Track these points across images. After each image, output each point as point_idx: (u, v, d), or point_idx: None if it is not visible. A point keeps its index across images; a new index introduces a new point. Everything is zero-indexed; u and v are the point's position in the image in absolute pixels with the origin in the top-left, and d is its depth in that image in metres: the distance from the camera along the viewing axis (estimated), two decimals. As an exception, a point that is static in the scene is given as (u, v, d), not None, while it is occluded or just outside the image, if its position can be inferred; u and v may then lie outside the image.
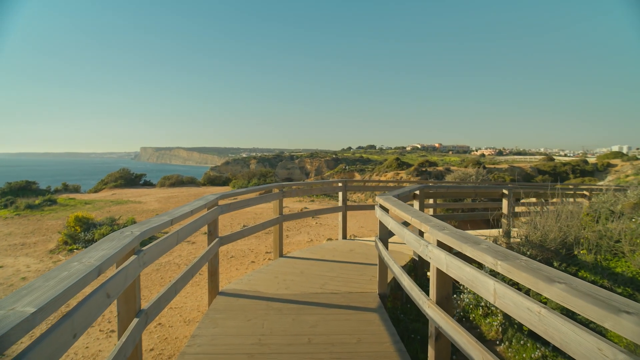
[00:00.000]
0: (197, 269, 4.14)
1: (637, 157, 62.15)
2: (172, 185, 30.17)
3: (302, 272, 6.09)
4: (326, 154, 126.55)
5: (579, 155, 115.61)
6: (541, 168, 60.18)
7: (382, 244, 4.96)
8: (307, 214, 7.75)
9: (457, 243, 2.58)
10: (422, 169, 51.54)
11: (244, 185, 26.53)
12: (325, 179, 78.38)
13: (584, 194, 9.54)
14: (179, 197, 23.47)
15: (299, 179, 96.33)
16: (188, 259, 9.07)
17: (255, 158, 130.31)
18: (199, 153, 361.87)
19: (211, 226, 4.95)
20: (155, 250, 2.93)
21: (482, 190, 8.11)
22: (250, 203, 5.82)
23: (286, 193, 6.92)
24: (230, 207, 5.36)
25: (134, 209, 18.44)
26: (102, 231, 10.49)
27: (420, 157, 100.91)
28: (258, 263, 8.60)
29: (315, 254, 7.11)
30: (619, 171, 55.94)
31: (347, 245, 7.86)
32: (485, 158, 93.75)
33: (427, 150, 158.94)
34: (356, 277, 5.88)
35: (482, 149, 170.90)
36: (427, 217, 3.34)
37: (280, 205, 6.82)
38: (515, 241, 5.56)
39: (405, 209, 3.91)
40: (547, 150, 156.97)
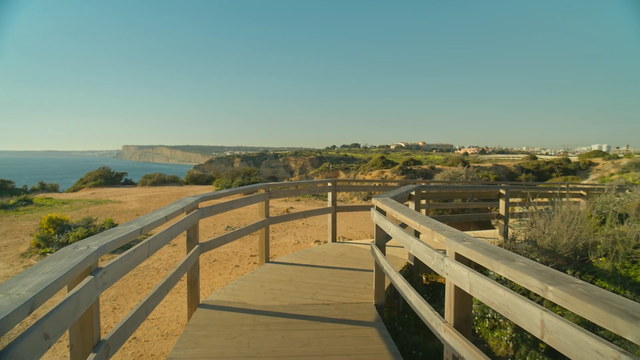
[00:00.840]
0: (174, 282, 3.65)
1: (618, 156, 62.79)
2: (154, 184, 29.40)
3: (291, 279, 5.62)
4: (310, 153, 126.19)
5: (560, 153, 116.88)
6: (525, 166, 60.37)
7: (379, 251, 4.53)
8: (295, 216, 7.28)
9: (484, 259, 2.15)
10: (407, 168, 51.33)
11: (227, 184, 25.90)
12: (309, 178, 77.92)
13: (580, 194, 9.23)
14: (161, 197, 22.80)
15: (283, 177, 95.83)
16: (168, 262, 8.55)
17: (239, 156, 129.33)
18: (182, 151, 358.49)
19: (190, 232, 4.46)
20: (120, 267, 2.43)
21: (479, 190, 7.74)
22: (234, 205, 5.34)
23: (273, 194, 6.44)
24: (212, 210, 4.87)
25: (113, 209, 17.77)
26: (77, 233, 9.89)
27: (404, 156, 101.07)
28: (242, 267, 8.11)
29: (304, 259, 6.65)
30: (601, 169, 56.47)
31: (337, 249, 7.41)
32: (469, 157, 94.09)
33: (411, 149, 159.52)
34: (349, 285, 5.43)
35: (465, 147, 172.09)
36: (440, 224, 2.90)
37: (266, 207, 6.34)
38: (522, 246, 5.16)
39: (409, 214, 3.48)
40: (529, 149, 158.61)
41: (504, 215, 7.79)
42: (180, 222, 3.84)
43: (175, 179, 31.86)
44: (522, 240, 5.53)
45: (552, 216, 5.53)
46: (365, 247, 7.65)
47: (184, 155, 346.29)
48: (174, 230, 3.58)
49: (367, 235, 10.66)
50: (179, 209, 3.75)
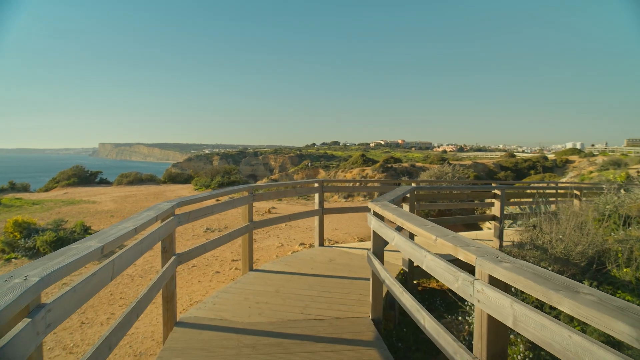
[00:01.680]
0: (146, 304, 3.13)
1: (593, 154, 63.84)
2: (130, 184, 28.50)
3: (278, 290, 5.13)
4: (290, 150, 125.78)
5: (536, 151, 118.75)
6: (503, 164, 61.06)
7: (377, 261, 4.08)
8: (280, 220, 6.77)
9: (536, 288, 1.69)
10: (387, 166, 51.26)
11: (206, 183, 25.19)
12: (289, 176, 77.38)
13: (574, 194, 8.94)
14: (137, 196, 22.03)
15: (263, 175, 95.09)
16: (144, 268, 7.98)
17: (218, 154, 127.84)
18: (161, 149, 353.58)
19: (166, 242, 3.94)
20: (72, 300, 1.91)
21: (476, 190, 7.37)
22: (215, 210, 4.83)
23: (257, 196, 5.95)
24: (190, 216, 4.35)
25: (87, 210, 17.00)
26: (46, 237, 9.23)
27: (384, 154, 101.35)
28: (223, 274, 7.60)
29: (291, 266, 6.17)
30: (577, 167, 57.26)
31: (325, 254, 6.95)
32: (447, 154, 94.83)
33: (390, 147, 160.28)
34: (342, 297, 4.97)
35: (443, 145, 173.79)
36: (464, 238, 2.46)
37: (249, 211, 5.84)
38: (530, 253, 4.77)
39: (419, 222, 3.03)
40: (505, 147, 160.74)
41: (499, 217, 7.44)
42: (154, 232, 3.33)
43: (152, 178, 30.98)
44: (519, 242, 5.14)
45: (558, 219, 5.17)
46: (355, 251, 7.22)
47: (162, 153, 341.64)
48: (146, 242, 3.06)
49: (354, 237, 10.23)
50: (151, 218, 3.24)
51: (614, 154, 53.42)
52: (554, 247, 4.36)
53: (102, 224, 13.77)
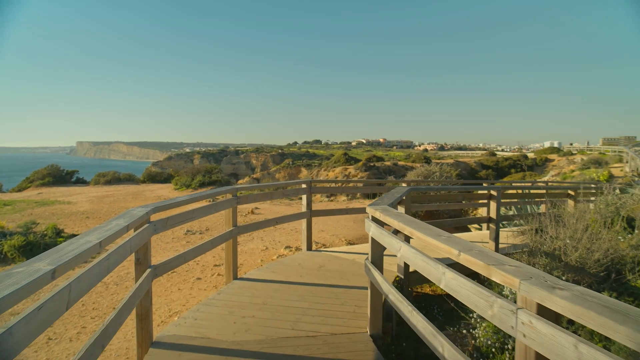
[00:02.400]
0: (116, 328, 2.68)
1: (572, 153, 64.74)
2: (108, 183, 27.66)
3: (265, 302, 4.69)
4: (272, 149, 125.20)
5: (515, 150, 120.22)
6: (485, 163, 61.53)
7: (377, 272, 3.68)
8: (266, 224, 6.30)
9: (608, 324, 1.31)
10: (370, 164, 51.16)
11: (187, 182, 24.50)
12: (271, 174, 76.78)
13: (568, 194, 8.68)
14: (115, 196, 21.32)
15: (245, 174, 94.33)
16: (120, 275, 7.47)
17: (199, 153, 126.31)
18: (140, 148, 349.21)
19: (140, 253, 3.48)
20: (17, 336, 1.46)
21: (472, 191, 7.03)
22: (195, 215, 4.36)
23: (241, 199, 5.50)
24: (168, 223, 3.88)
25: (61, 211, 16.29)
26: (14, 242, 8.64)
27: (365, 152, 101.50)
28: (205, 280, 7.13)
29: (279, 274, 5.74)
30: (557, 165, 57.96)
31: (314, 260, 6.53)
32: (429, 153, 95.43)
33: (372, 145, 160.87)
34: (336, 309, 4.56)
35: (425, 144, 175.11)
36: (493, 254, 2.06)
37: (233, 215, 5.39)
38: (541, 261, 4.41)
39: (433, 233, 2.63)
40: (485, 146, 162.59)
41: (495, 219, 7.11)
42: (125, 244, 2.86)
43: (131, 177, 30.13)
44: (515, 245, 4.79)
45: (564, 223, 4.84)
46: (345, 256, 6.82)
47: (142, 152, 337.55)
48: (115, 257, 2.60)
49: (342, 239, 9.83)
50: (121, 228, 2.77)
51: (592, 153, 54.23)
52: (568, 255, 4.01)
53: (76, 226, 13.14)
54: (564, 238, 4.33)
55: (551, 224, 4.92)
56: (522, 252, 5.18)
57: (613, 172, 26.07)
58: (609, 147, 52.52)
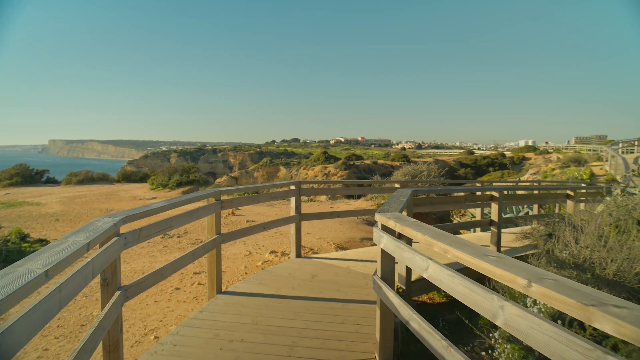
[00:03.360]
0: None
1: (548, 151, 65.59)
2: (80, 183, 26.54)
3: (255, 322, 4.11)
4: (250, 148, 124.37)
5: (491, 148, 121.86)
6: (463, 161, 61.84)
7: (389, 289, 3.14)
8: (253, 230, 5.69)
9: None
10: (349, 163, 50.87)
11: (164, 182, 23.64)
12: (249, 173, 75.86)
13: (567, 194, 8.29)
14: (88, 197, 20.40)
15: (223, 173, 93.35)
16: (90, 285, 6.80)
17: (176, 151, 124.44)
18: (115, 146, 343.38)
19: (107, 273, 2.87)
20: None
21: (474, 192, 6.56)
22: (174, 224, 3.75)
23: (225, 204, 4.90)
24: (141, 234, 3.26)
25: (29, 213, 15.38)
26: (-29, 249, 7.86)
27: (344, 151, 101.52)
28: (184, 291, 6.51)
29: (267, 286, 5.15)
30: (533, 164, 58.58)
31: (305, 268, 5.97)
32: (407, 151, 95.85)
33: (350, 144, 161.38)
34: (336, 328, 4.00)
35: (402, 142, 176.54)
36: (592, 291, 1.53)
37: (217, 221, 4.79)
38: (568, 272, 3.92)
39: (477, 252, 2.09)
40: (462, 144, 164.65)
41: (497, 221, 6.66)
42: (85, 266, 2.25)
43: (105, 177, 29.02)
44: (515, 246, 4.31)
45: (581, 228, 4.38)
46: (338, 264, 6.28)
47: (116, 151, 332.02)
48: (70, 287, 2.00)
49: (330, 243, 9.28)
50: (80, 247, 2.17)
51: (568, 152, 54.92)
52: (604, 268, 3.53)
53: (44, 229, 12.32)
54: (589, 246, 3.86)
55: (567, 228, 4.46)
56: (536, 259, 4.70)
57: (594, 170, 26.13)
58: (583, 146, 53.27)
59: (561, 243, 4.21)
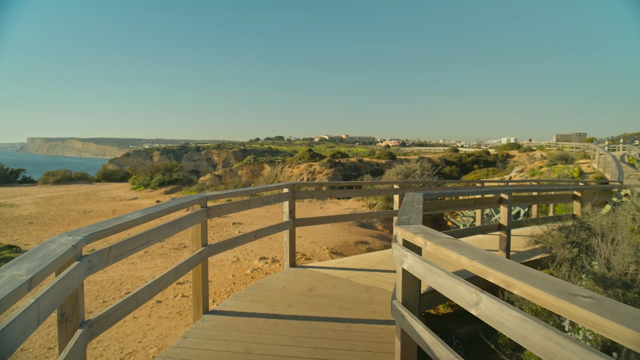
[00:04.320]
0: None
1: (532, 149, 65.95)
2: (58, 183, 25.52)
3: (249, 350, 3.50)
4: (234, 145, 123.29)
5: (474, 145, 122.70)
6: (448, 159, 61.87)
7: (414, 318, 2.59)
8: (244, 239, 5.07)
9: None
10: (335, 161, 50.41)
11: (145, 181, 22.80)
12: (234, 171, 74.83)
13: (574, 195, 7.85)
14: (65, 198, 19.53)
15: (206, 171, 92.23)
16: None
17: (159, 149, 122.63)
18: (96, 144, 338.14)
19: (66, 306, 2.27)
20: None
21: (483, 194, 6.04)
22: (152, 238, 3.13)
23: (212, 211, 4.30)
24: (111, 255, 2.64)
25: (1, 216, 14.53)
26: None
27: (328, 149, 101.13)
28: (167, 304, 5.90)
29: (260, 302, 4.54)
30: (518, 161, 58.85)
31: (301, 280, 5.38)
32: (391, 149, 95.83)
33: (334, 142, 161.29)
34: (343, 357, 3.43)
35: (386, 140, 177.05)
36: None
37: (203, 232, 4.18)
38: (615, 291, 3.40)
39: (562, 290, 1.55)
40: (445, 141, 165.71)
41: (506, 226, 6.16)
42: (26, 311, 1.66)
43: (84, 176, 28.00)
44: (521, 250, 3.80)
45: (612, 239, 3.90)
46: (337, 274, 5.72)
47: (98, 149, 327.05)
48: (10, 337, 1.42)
49: (323, 247, 8.70)
50: (18, 287, 1.57)
51: (551, 149, 55.19)
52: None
53: (16, 233, 11.54)
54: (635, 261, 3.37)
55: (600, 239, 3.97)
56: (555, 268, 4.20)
57: (582, 168, 26.02)
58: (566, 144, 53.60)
59: (599, 256, 3.69)
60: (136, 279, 7.03)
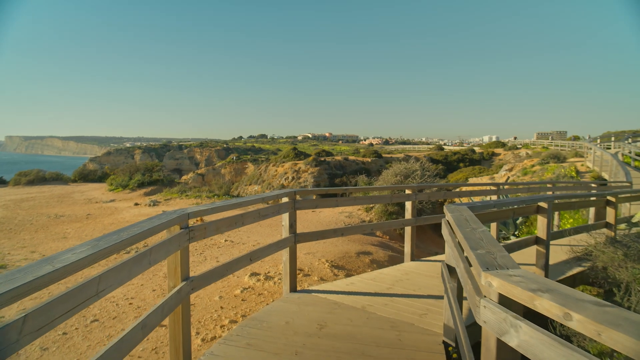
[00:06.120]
0: None
1: (517, 147, 65.87)
2: (31, 183, 24.01)
3: None
4: (217, 144, 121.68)
5: (457, 143, 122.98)
6: (434, 157, 61.31)
7: None
8: (237, 264, 3.98)
9: None
10: (320, 159, 49.45)
11: (124, 182, 21.45)
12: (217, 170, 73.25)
13: (607, 201, 6.94)
14: (37, 200, 18.16)
15: (189, 169, 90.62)
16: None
17: (141, 148, 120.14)
18: (77, 142, 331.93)
19: None
20: None
21: (522, 207, 5.07)
22: (103, 288, 2.07)
23: (196, 233, 3.22)
24: (24, 331, 1.61)
25: (-37, 221, 13.20)
26: None
27: (312, 147, 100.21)
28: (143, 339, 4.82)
29: (259, 350, 3.43)
30: (503, 159, 58.60)
31: (306, 312, 4.30)
32: (375, 147, 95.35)
33: (318, 140, 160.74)
34: None
35: (370, 138, 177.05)
36: None
37: (183, 261, 3.11)
38: None
39: None
40: (428, 140, 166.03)
41: (545, 240, 5.22)
42: None
43: (58, 177, 26.47)
44: None
45: None
46: (349, 301, 4.67)
47: (78, 147, 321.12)
48: None
49: (322, 259, 7.63)
50: None
51: (536, 147, 55.01)
52: None
53: (-24, 241, 10.28)
54: None
55: None
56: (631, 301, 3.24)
57: (577, 167, 25.43)
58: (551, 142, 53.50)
59: None
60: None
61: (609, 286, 4.70)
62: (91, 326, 5.19)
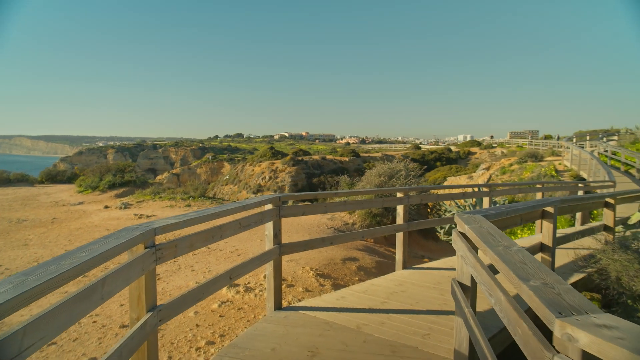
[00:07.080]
0: None
1: (492, 146, 66.55)
2: (-6, 185, 22.77)
3: None
4: (192, 143, 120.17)
5: (432, 142, 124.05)
6: (412, 156, 61.31)
7: None
8: (214, 285, 3.44)
9: None
10: (298, 159, 48.99)
11: (94, 183, 20.49)
12: (192, 169, 72.00)
13: (606, 202, 6.61)
14: (-2, 203, 17.12)
15: (163, 169, 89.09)
16: None
17: (114, 147, 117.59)
18: (47, 142, 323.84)
19: None
20: None
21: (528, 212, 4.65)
22: (42, 336, 1.55)
23: (165, 252, 2.68)
24: None
25: None
26: None
27: (289, 146, 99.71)
28: None
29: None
30: (479, 158, 59.14)
31: (295, 335, 3.79)
32: (352, 146, 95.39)
33: (295, 139, 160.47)
34: None
35: (346, 137, 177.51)
36: None
37: (149, 288, 2.57)
38: None
39: None
40: (404, 139, 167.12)
41: (550, 246, 4.82)
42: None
43: (24, 178, 25.19)
44: None
45: None
46: (342, 320, 4.17)
47: (48, 147, 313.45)
48: None
49: (305, 267, 7.11)
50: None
51: (511, 146, 55.60)
52: None
53: None
54: None
55: None
56: None
57: (555, 165, 25.50)
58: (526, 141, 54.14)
59: None
60: None
61: (626, 298, 4.33)
62: (47, 350, 4.56)
